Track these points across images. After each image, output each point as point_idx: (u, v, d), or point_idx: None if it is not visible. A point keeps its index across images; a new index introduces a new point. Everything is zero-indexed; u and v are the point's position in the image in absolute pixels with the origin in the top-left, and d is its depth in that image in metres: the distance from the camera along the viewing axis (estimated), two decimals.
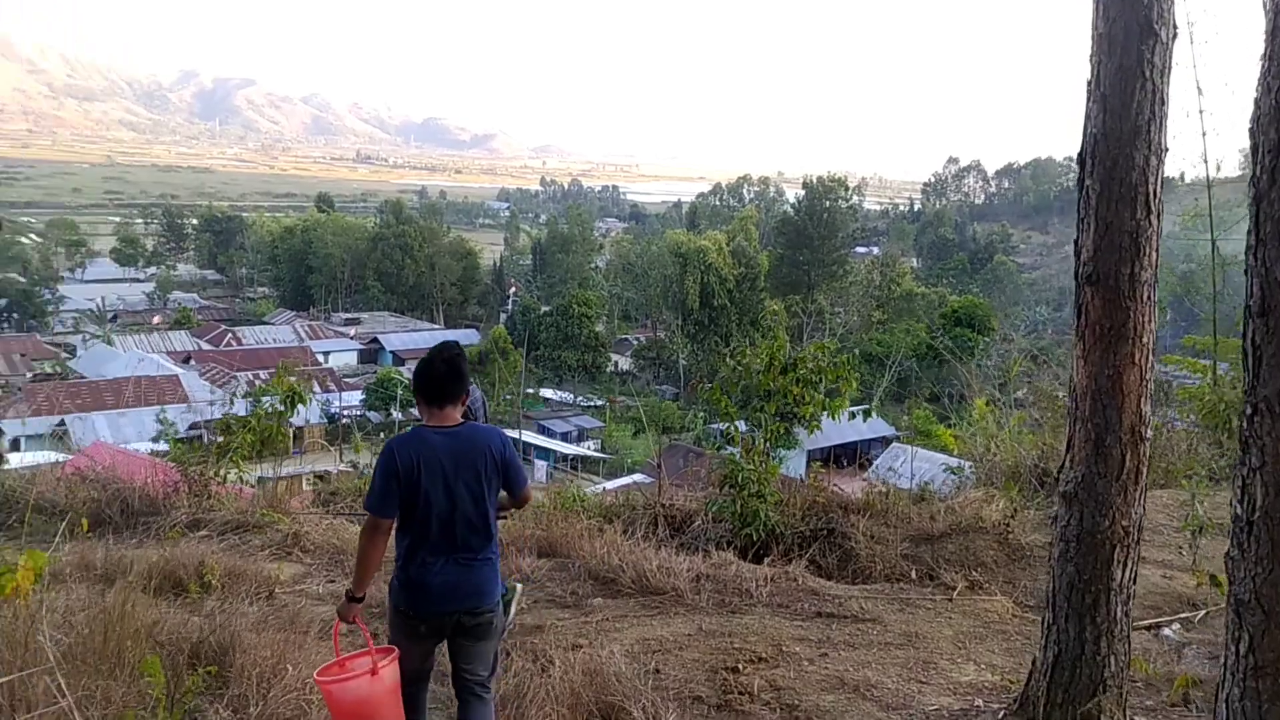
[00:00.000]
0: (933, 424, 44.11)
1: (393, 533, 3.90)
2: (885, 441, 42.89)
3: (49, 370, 59.39)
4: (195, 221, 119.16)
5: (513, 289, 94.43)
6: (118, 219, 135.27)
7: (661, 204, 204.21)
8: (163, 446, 11.59)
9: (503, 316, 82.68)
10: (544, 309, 71.00)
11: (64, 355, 64.19)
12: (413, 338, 74.79)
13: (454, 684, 4.12)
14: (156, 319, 79.38)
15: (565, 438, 49.02)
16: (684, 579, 5.67)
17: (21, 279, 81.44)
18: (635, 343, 76.29)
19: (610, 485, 41.00)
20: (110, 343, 66.48)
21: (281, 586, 5.90)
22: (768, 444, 7.22)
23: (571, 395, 60.37)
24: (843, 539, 6.43)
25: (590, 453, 47.73)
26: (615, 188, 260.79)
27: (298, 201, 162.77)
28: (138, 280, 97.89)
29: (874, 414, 44.84)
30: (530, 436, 46.86)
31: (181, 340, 68.46)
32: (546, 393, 60.48)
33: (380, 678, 3.81)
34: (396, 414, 50.51)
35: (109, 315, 79.15)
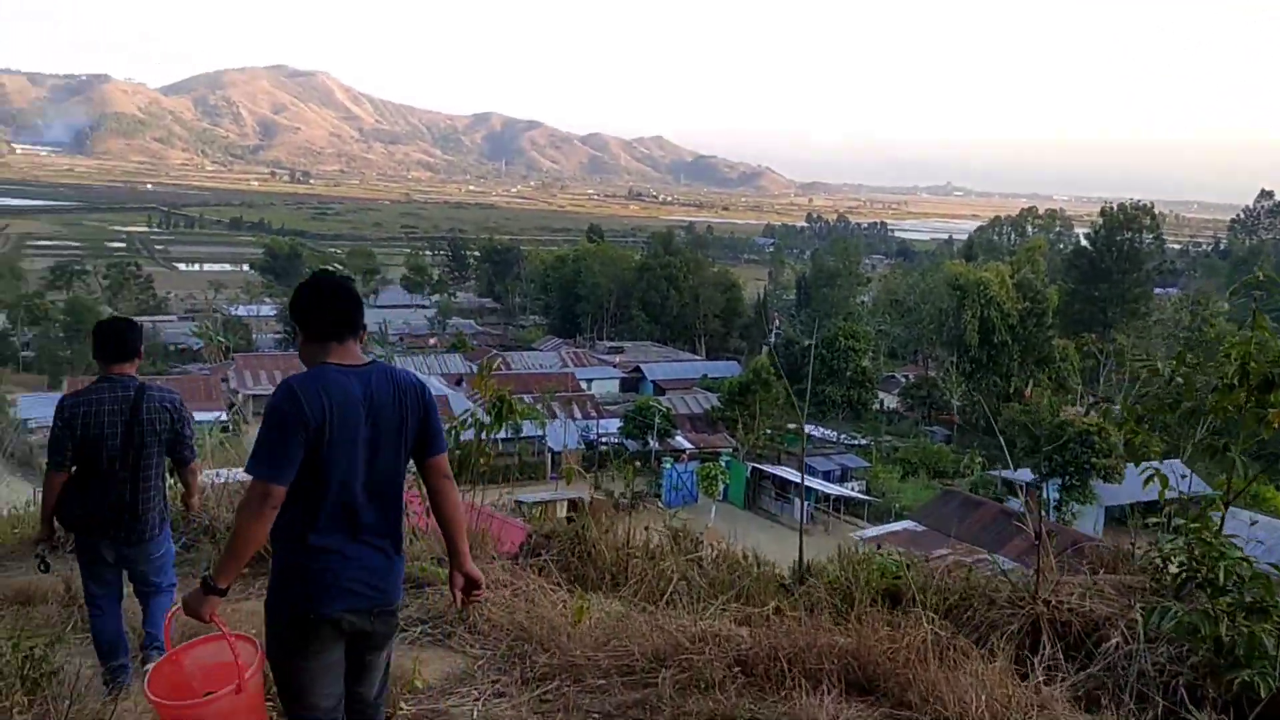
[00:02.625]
0: (1262, 484, 37.99)
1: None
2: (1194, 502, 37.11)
3: None
4: (477, 253, 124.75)
5: (775, 322, 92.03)
6: (409, 250, 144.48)
7: (931, 241, 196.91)
8: None
9: (764, 349, 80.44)
10: (807, 342, 68.14)
11: None
12: (674, 368, 73.94)
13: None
14: (434, 341, 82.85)
15: (828, 476, 45.81)
16: None
17: None
18: (903, 380, 72.02)
19: (876, 531, 37.76)
20: (392, 362, 69.63)
21: (416, 696, 3.68)
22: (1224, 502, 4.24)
23: (835, 432, 56.97)
24: None
25: (855, 494, 44.28)
26: (883, 224, 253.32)
27: (571, 236, 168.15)
28: (422, 306, 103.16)
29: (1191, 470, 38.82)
30: (791, 474, 44.03)
31: (455, 363, 70.75)
32: (809, 428, 57.43)
33: (246, 691, 3.05)
34: (653, 443, 49.14)
35: (394, 337, 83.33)
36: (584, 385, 65.04)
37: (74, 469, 4.56)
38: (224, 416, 48.33)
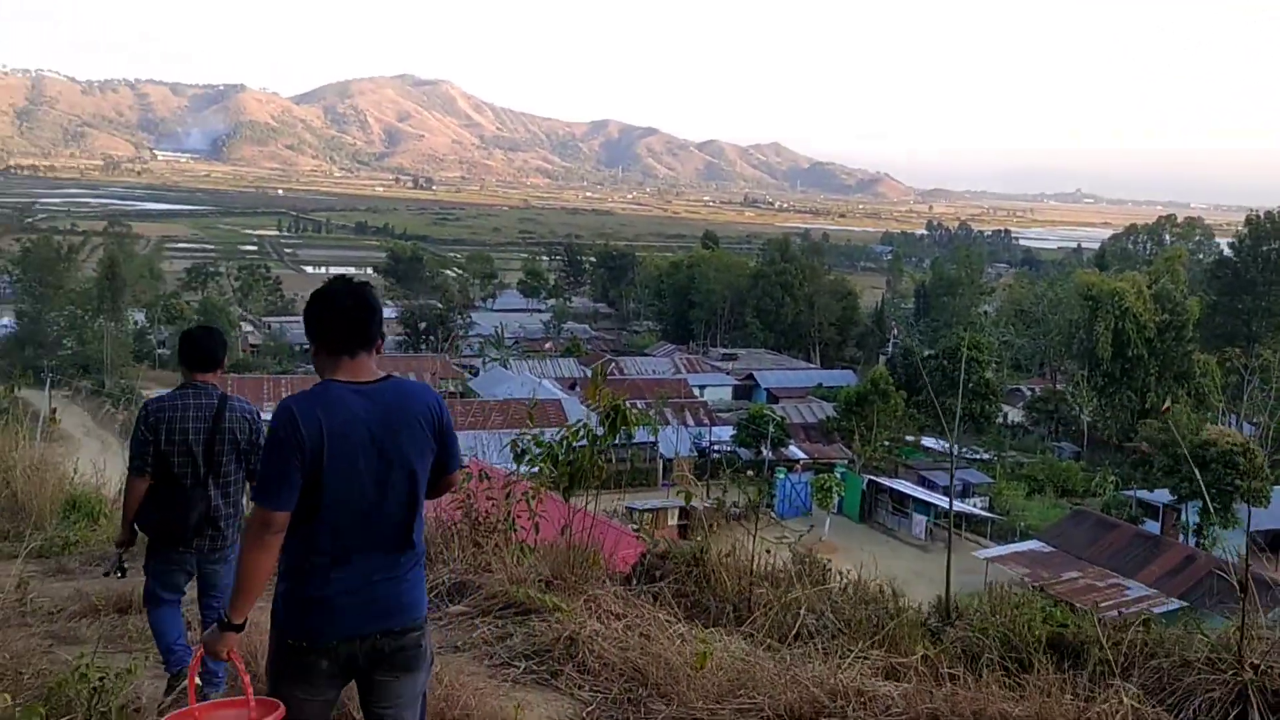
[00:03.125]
0: None
1: None
2: None
3: (452, 389, 63.57)
4: (592, 258, 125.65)
5: (893, 331, 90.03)
6: (527, 255, 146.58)
7: (1059, 250, 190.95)
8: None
9: (881, 359, 78.65)
10: (927, 352, 66.28)
11: (467, 376, 68.68)
12: (788, 376, 72.92)
13: None
14: (549, 346, 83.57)
15: (948, 492, 44.18)
16: None
17: (440, 305, 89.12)
18: (1029, 394, 69.45)
19: (1000, 551, 36.25)
20: (506, 366, 70.49)
21: None
22: None
23: (956, 446, 55.14)
24: None
25: (977, 511, 42.64)
26: (1007, 232, 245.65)
27: (686, 242, 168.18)
28: (538, 311, 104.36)
29: None
30: (908, 487, 42.69)
31: (570, 367, 71.27)
32: (928, 441, 55.67)
33: None
34: (767, 452, 48.34)
35: (509, 341, 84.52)
36: (697, 392, 64.64)
37: (155, 475, 4.49)
38: None
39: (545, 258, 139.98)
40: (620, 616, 4.71)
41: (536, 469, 6.51)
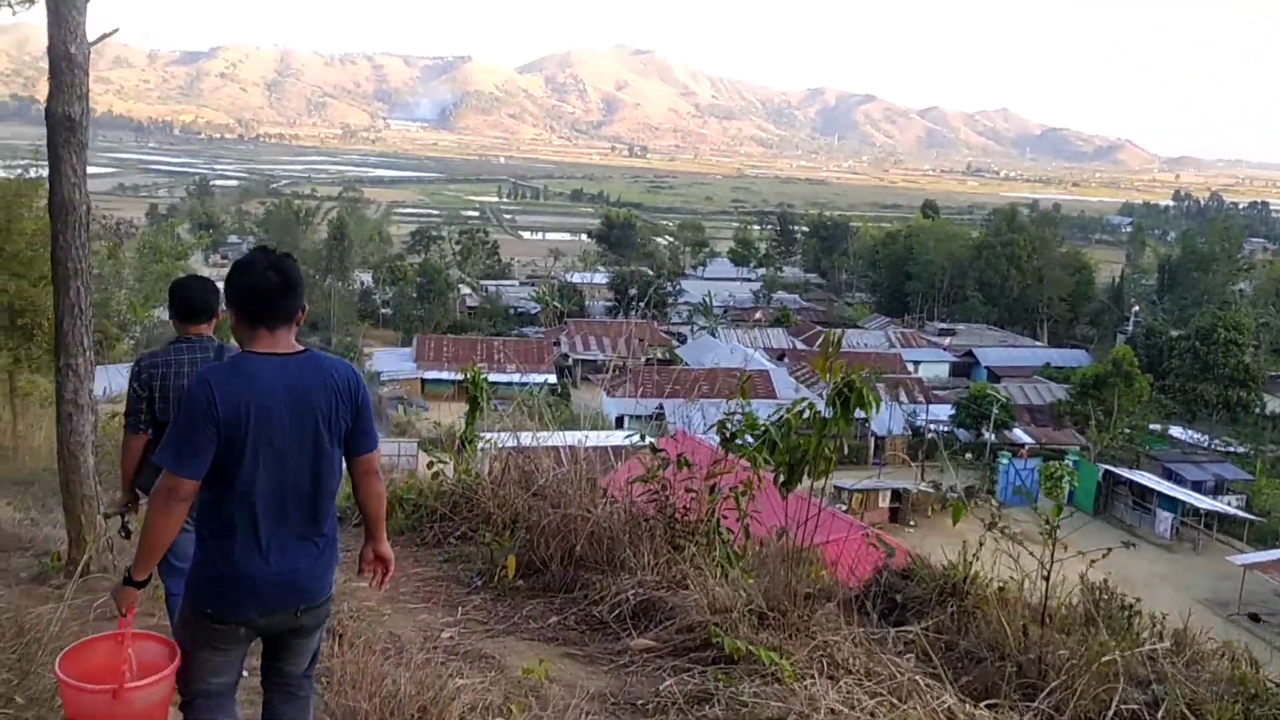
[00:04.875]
0: None
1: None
2: None
3: (660, 355, 63.23)
4: (805, 228, 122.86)
5: (1133, 309, 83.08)
6: (738, 224, 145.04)
7: None
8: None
9: (1120, 338, 72.64)
10: (1174, 333, 60.50)
11: (675, 343, 68.23)
12: (1011, 354, 68.56)
13: (264, 681, 3.19)
14: (758, 315, 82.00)
15: (1198, 488, 39.98)
16: None
17: (650, 272, 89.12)
18: None
19: (1257, 558, 32.23)
20: (714, 334, 69.57)
21: None
22: None
23: (1207, 437, 49.97)
24: None
25: (1231, 510, 38.26)
26: (1265, 204, 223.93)
27: (903, 213, 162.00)
28: (748, 280, 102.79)
29: None
30: (1153, 481, 38.74)
31: (779, 338, 69.73)
32: (1175, 431, 50.75)
33: (125, 701, 2.83)
34: (989, 434, 45.23)
35: (718, 309, 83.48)
36: (911, 368, 61.73)
37: (151, 432, 4.18)
38: (552, 379, 50.02)
39: (757, 226, 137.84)
40: (857, 671, 3.35)
41: (748, 455, 5.26)
